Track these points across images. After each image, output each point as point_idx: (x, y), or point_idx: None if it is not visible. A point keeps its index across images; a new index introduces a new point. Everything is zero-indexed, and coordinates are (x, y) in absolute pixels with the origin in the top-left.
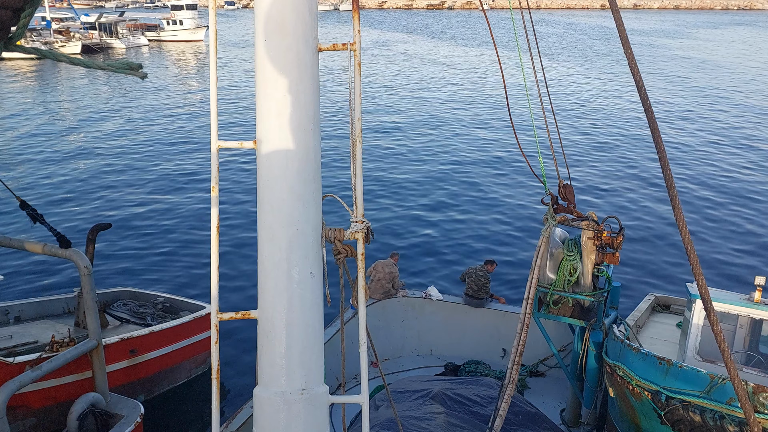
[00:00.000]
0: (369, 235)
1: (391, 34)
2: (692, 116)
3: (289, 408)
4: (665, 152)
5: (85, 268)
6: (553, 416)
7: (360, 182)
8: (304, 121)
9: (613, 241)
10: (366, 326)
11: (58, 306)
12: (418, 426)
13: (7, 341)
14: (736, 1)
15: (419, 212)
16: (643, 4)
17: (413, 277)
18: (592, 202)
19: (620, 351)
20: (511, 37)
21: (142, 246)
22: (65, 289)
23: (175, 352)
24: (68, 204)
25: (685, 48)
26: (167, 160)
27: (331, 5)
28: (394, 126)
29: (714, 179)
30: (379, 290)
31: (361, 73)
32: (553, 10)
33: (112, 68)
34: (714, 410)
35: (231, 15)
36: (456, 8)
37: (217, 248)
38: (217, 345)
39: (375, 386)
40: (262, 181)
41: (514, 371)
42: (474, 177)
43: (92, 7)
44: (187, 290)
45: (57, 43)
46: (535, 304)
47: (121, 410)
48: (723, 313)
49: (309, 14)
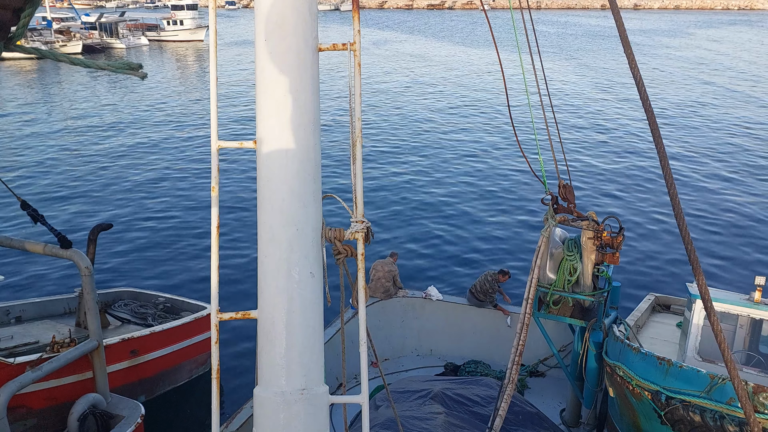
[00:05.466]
0: (369, 235)
1: (391, 34)
2: (692, 116)
3: (289, 408)
4: (665, 152)
5: (86, 268)
6: (553, 416)
7: (360, 182)
8: (304, 121)
9: (613, 241)
10: (366, 326)
11: (58, 306)
12: (418, 426)
13: (8, 341)
14: (736, 2)
15: (419, 212)
16: (644, 4)
17: (410, 280)
18: (592, 202)
19: (620, 351)
20: (512, 37)
21: (143, 246)
22: (66, 289)
23: (175, 353)
24: (69, 204)
25: (685, 48)
26: (168, 160)
27: (331, 5)
28: (394, 126)
29: (714, 179)
30: (380, 289)
31: (361, 73)
32: (553, 10)
33: (112, 68)
34: (714, 410)
35: (231, 15)
36: (456, 8)
37: (217, 248)
38: (217, 345)
39: (375, 386)
40: (262, 181)
41: (514, 371)
42: (474, 177)
43: (93, 7)
44: (188, 290)
45: (58, 43)
46: (535, 304)
47: (122, 411)
48: (723, 313)
49: (309, 14)
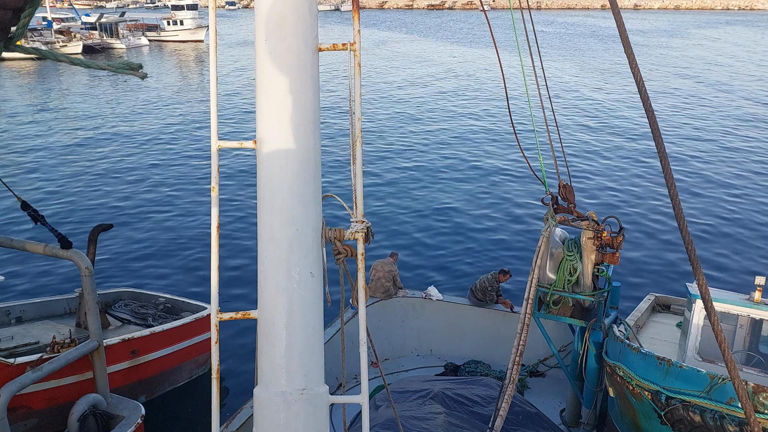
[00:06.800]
0: (369, 235)
1: (391, 34)
2: (692, 116)
3: (289, 408)
4: (666, 152)
5: (86, 268)
6: (553, 416)
7: (360, 182)
8: (304, 121)
9: (613, 241)
10: (366, 326)
11: (59, 306)
12: (418, 426)
13: (8, 342)
14: (736, 2)
15: (419, 212)
16: (644, 4)
17: (410, 280)
18: (592, 202)
19: (620, 351)
20: (512, 37)
21: (144, 246)
22: (66, 289)
23: (176, 353)
24: (69, 204)
25: (685, 48)
26: (168, 160)
27: (331, 5)
28: (394, 126)
29: (714, 179)
30: (380, 289)
31: (361, 73)
32: (553, 10)
33: (112, 68)
34: (714, 410)
35: (231, 15)
36: (456, 8)
37: (217, 248)
38: (217, 345)
39: (375, 386)
40: (262, 181)
41: (514, 371)
42: (474, 177)
43: (93, 7)
44: (189, 291)
45: (58, 43)
46: (535, 304)
47: (122, 411)
48: (723, 313)
49: (309, 14)
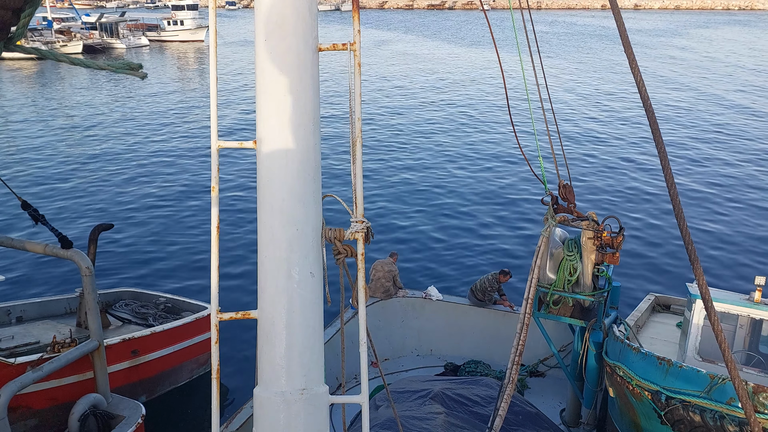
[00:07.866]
0: (369, 235)
1: (391, 34)
2: (693, 116)
3: (289, 408)
4: (666, 152)
5: (87, 268)
6: (553, 416)
7: (360, 182)
8: (304, 121)
9: (613, 241)
10: (366, 326)
11: (59, 306)
12: (418, 426)
13: (8, 342)
14: (736, 2)
15: (418, 212)
16: (644, 4)
17: (410, 280)
18: (592, 202)
19: (620, 351)
20: (512, 37)
21: (144, 246)
22: (67, 289)
23: (176, 353)
24: (70, 204)
25: (685, 48)
26: (168, 160)
27: (331, 5)
28: (393, 126)
29: (714, 179)
30: (380, 289)
31: (361, 73)
32: (553, 10)
33: (112, 68)
34: (714, 410)
35: (231, 15)
36: (457, 8)
37: (217, 248)
38: (217, 345)
39: (375, 386)
40: (262, 181)
41: (514, 371)
42: (474, 176)
43: (93, 7)
44: (189, 291)
45: (58, 43)
46: (535, 304)
47: (123, 411)
48: (723, 313)
49: (309, 14)
